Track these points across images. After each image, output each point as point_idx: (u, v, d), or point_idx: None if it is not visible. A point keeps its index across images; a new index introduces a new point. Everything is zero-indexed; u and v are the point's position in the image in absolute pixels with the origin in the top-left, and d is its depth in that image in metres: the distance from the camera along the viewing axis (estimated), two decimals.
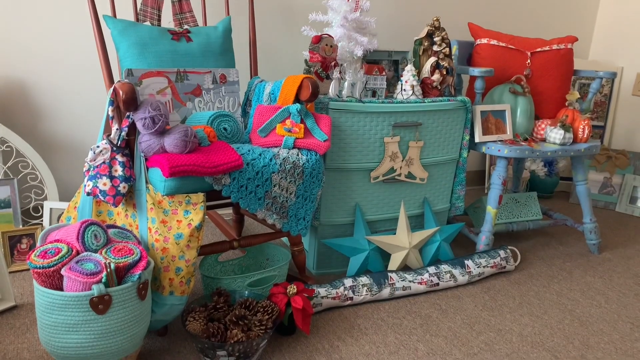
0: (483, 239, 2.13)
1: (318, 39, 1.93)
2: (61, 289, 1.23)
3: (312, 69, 1.94)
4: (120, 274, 1.27)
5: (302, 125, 1.72)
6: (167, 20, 1.99)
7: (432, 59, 2.06)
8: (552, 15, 3.07)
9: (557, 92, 2.35)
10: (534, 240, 2.47)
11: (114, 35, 1.71)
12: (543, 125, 2.26)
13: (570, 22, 3.14)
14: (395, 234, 1.98)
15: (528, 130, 2.24)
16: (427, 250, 2.04)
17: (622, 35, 3.11)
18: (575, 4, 3.12)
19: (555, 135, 2.17)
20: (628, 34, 3.08)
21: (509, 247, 2.17)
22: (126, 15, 1.98)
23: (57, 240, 1.29)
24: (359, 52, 2.02)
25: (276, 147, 1.69)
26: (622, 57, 3.12)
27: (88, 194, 1.44)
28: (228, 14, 2.01)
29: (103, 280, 1.22)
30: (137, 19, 1.83)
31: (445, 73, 2.06)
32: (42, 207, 2.11)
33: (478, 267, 1.98)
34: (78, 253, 1.27)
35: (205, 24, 1.99)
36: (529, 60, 2.31)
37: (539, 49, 2.32)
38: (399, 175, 1.99)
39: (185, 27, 1.90)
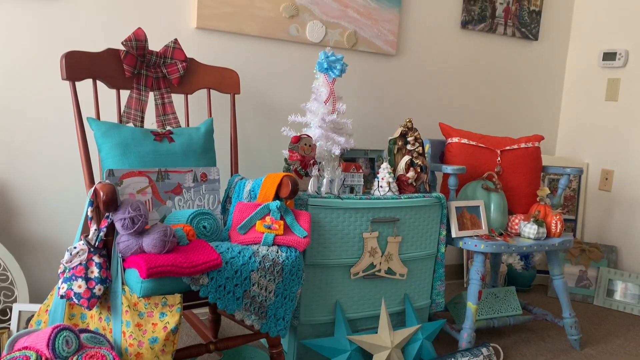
0: (465, 336, 2.10)
1: (297, 139, 2.00)
2: None
3: (291, 167, 1.99)
4: None
5: (281, 222, 1.73)
6: (150, 121, 2.05)
7: (407, 158, 2.13)
8: (518, 115, 3.25)
9: (528, 187, 2.44)
10: (515, 336, 2.44)
11: (97, 137, 1.75)
12: (517, 220, 2.32)
13: (535, 121, 3.33)
14: (376, 332, 1.95)
15: (502, 225, 2.29)
16: (409, 350, 1.99)
17: (585, 133, 3.29)
18: (539, 104, 3.32)
19: (529, 230, 2.22)
20: (590, 132, 3.26)
21: (491, 344, 2.14)
22: (110, 117, 2.03)
23: (26, 348, 1.23)
24: (337, 151, 2.09)
25: (256, 244, 1.69)
26: (587, 153, 3.28)
27: (62, 296, 1.40)
28: (210, 115, 2.08)
29: None
30: (121, 121, 1.88)
31: (419, 171, 2.13)
32: (10, 310, 2.03)
33: None
34: None
35: (188, 125, 2.06)
36: (499, 158, 2.41)
37: (508, 147, 2.43)
38: (379, 271, 1.99)
39: (168, 128, 1.96)
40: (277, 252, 1.66)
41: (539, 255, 3.18)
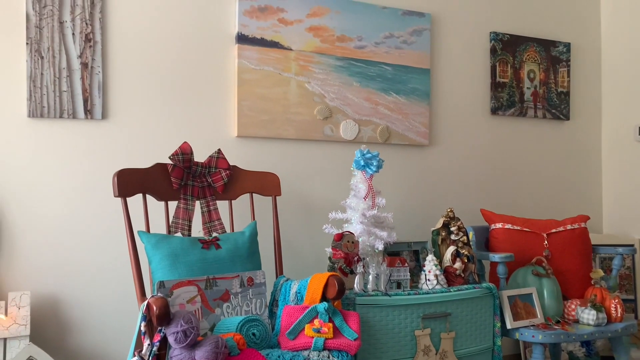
0: None
1: (340, 237, 2.01)
2: None
3: (335, 265, 2.00)
4: None
5: (330, 325, 1.71)
6: (197, 229, 2.10)
7: (452, 248, 2.11)
8: (559, 196, 3.21)
9: (580, 270, 2.36)
10: None
11: (148, 249, 1.80)
12: (573, 306, 2.23)
13: (578, 200, 3.27)
14: None
15: (558, 312, 2.20)
16: None
17: (631, 208, 3.20)
18: (580, 183, 3.27)
19: (587, 316, 2.12)
20: (637, 206, 3.17)
21: None
22: (158, 227, 2.10)
23: None
24: (380, 246, 2.09)
25: (306, 349, 1.66)
26: (636, 228, 3.17)
27: None
28: (254, 218, 2.14)
29: None
30: (169, 231, 1.94)
31: (466, 261, 2.10)
32: None
33: None
34: None
35: (233, 229, 2.11)
36: (546, 242, 2.36)
37: (553, 230, 2.39)
38: None
39: (214, 234, 2.01)
40: (329, 357, 1.62)
41: (601, 340, 3.00)
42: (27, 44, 2.04)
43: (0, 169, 2.04)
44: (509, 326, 2.08)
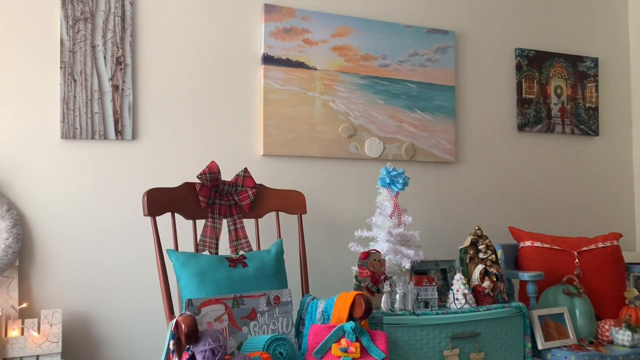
0: None
1: (366, 255, 2.01)
2: None
3: (362, 284, 1.99)
4: None
5: (357, 344, 1.70)
6: (224, 247, 2.12)
7: (480, 267, 2.09)
8: (589, 213, 3.14)
9: (613, 289, 2.30)
10: None
11: (176, 267, 1.82)
12: (607, 326, 2.17)
13: (609, 217, 3.19)
14: None
15: (592, 333, 2.15)
16: None
17: None
18: (611, 199, 3.20)
19: (622, 337, 2.07)
20: None
21: None
22: (185, 245, 2.12)
23: None
24: (407, 265, 2.07)
25: None
26: None
27: None
28: (280, 236, 2.14)
29: None
30: (197, 250, 1.96)
31: (495, 279, 2.07)
32: None
33: None
34: None
35: (259, 248, 2.12)
36: (577, 260, 2.31)
37: (585, 248, 2.34)
38: None
39: (241, 252, 2.02)
40: None
41: None
42: (61, 67, 2.11)
43: (34, 189, 2.09)
44: (540, 347, 2.03)
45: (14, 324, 1.92)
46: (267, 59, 2.40)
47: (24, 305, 1.99)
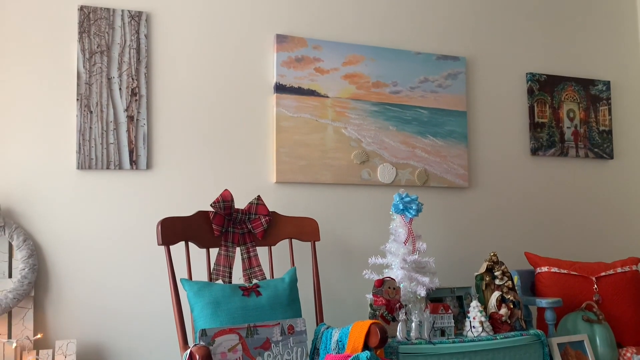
0: None
1: (380, 283, 1.99)
2: None
3: (377, 312, 1.96)
4: None
5: None
6: (237, 275, 2.11)
7: (497, 293, 2.06)
8: (606, 237, 3.09)
9: (634, 316, 2.25)
10: None
11: (190, 297, 1.82)
12: (629, 354, 2.12)
13: (627, 241, 3.14)
14: None
15: None
16: None
17: None
18: (628, 223, 3.16)
19: None
20: None
21: None
22: (200, 275, 2.12)
23: None
24: (422, 292, 2.05)
25: None
26: None
27: None
28: (293, 264, 2.13)
29: None
30: (211, 279, 1.96)
31: (512, 306, 2.04)
32: None
33: None
34: None
35: (273, 275, 2.11)
36: (595, 286, 2.27)
37: (603, 273, 2.30)
38: None
39: (255, 281, 2.01)
40: None
41: None
42: (77, 99, 2.15)
43: (50, 219, 2.11)
44: None
45: (28, 354, 1.92)
46: (280, 88, 2.43)
47: (39, 335, 1.99)
